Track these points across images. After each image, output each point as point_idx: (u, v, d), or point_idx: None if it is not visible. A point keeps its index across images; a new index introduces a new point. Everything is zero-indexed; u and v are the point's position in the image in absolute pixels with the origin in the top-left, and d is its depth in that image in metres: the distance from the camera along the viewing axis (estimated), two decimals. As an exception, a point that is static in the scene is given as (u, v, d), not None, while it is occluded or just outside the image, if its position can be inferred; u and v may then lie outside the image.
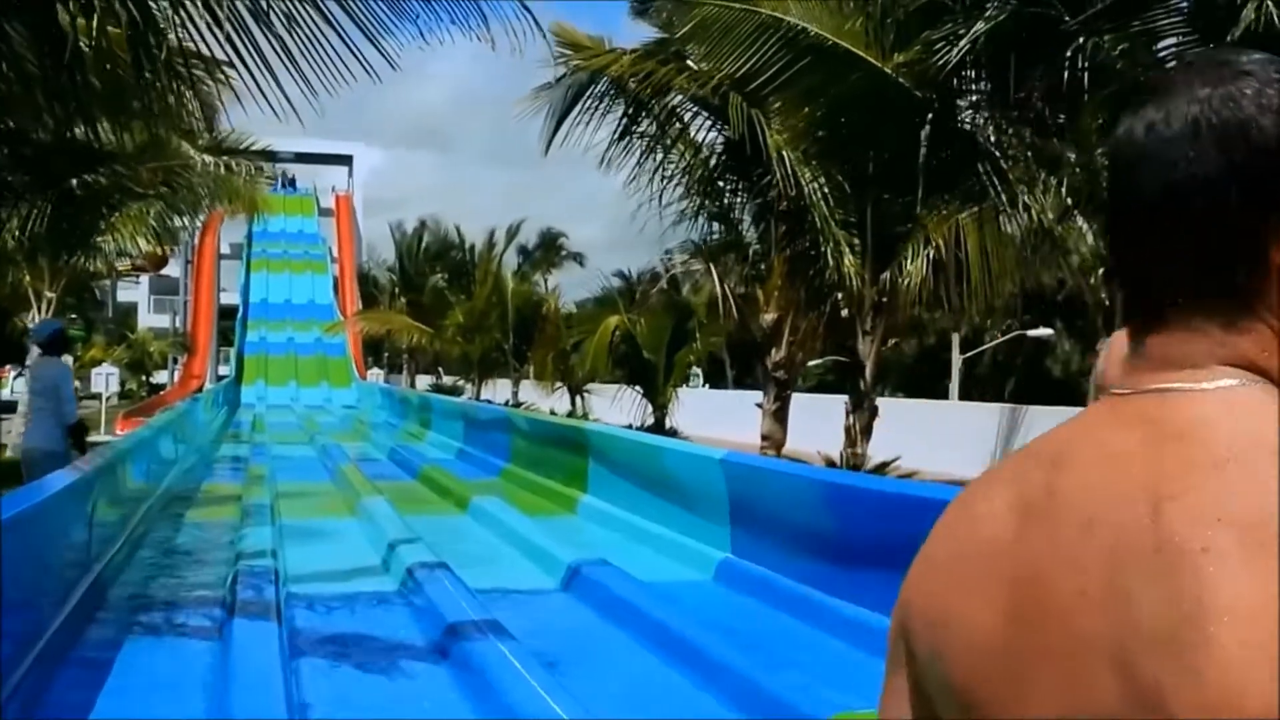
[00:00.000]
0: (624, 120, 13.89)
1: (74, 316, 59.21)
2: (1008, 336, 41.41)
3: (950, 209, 13.27)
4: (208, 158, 17.76)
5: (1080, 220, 12.71)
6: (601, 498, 13.17)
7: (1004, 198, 12.27)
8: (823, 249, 13.27)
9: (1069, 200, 12.52)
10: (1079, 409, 1.14)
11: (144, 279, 66.15)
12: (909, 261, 13.35)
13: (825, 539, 8.09)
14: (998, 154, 12.28)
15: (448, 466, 18.63)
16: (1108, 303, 11.91)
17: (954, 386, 43.20)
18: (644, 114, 14.02)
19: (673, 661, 6.58)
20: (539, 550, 10.36)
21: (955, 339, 42.72)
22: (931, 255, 13.50)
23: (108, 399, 33.75)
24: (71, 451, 11.47)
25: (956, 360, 42.78)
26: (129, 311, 69.70)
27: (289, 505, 13.62)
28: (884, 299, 13.59)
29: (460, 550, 10.69)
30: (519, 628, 6.82)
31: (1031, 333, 38.69)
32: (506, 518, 12.34)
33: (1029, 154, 12.21)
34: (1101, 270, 12.05)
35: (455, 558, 9.70)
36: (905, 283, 13.36)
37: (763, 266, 17.09)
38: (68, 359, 13.41)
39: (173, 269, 60.85)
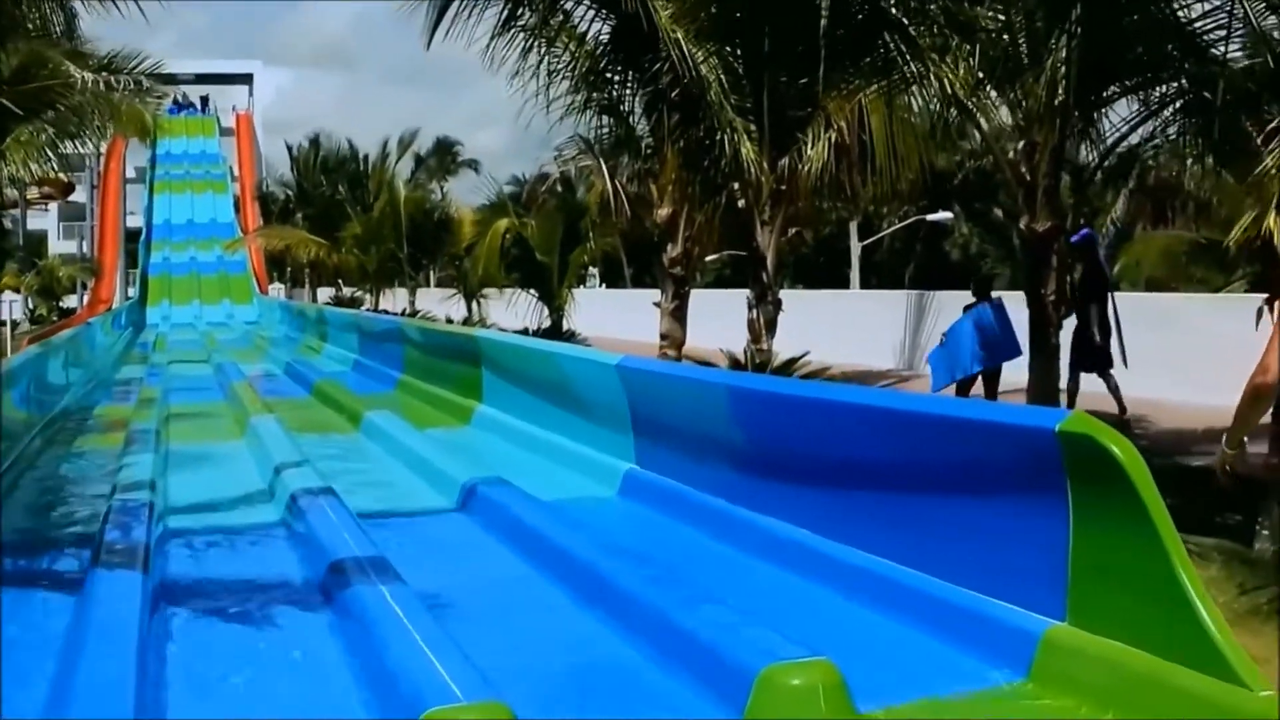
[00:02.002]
0: (504, 12, 13.09)
1: (-21, 246, 58.63)
2: (907, 222, 41.16)
3: (853, 87, 12.71)
4: (88, 75, 16.56)
5: (993, 93, 12.13)
6: (497, 407, 12.75)
7: (913, 68, 11.70)
8: (718, 137, 12.66)
9: (979, 73, 11.94)
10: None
11: (53, 207, 66.80)
12: (809, 146, 12.80)
13: (733, 446, 7.61)
14: (905, 21, 11.67)
15: (342, 380, 18.22)
16: (1028, 177, 11.37)
17: (854, 275, 43.05)
18: (524, 5, 13.24)
19: (579, 598, 6.00)
20: (433, 469, 9.84)
21: (853, 227, 42.45)
22: (833, 139, 12.97)
23: (15, 326, 33.07)
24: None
25: (855, 248, 42.58)
26: (41, 239, 69.63)
27: (179, 429, 13.10)
28: (783, 187, 13.03)
29: (351, 472, 10.23)
30: (408, 561, 6.27)
31: (931, 217, 38.46)
32: (400, 433, 11.86)
33: (941, 20, 11.58)
34: (1021, 144, 11.48)
35: (345, 480, 9.20)
36: (806, 169, 12.83)
37: (655, 161, 16.51)
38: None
39: (81, 195, 61.36)
